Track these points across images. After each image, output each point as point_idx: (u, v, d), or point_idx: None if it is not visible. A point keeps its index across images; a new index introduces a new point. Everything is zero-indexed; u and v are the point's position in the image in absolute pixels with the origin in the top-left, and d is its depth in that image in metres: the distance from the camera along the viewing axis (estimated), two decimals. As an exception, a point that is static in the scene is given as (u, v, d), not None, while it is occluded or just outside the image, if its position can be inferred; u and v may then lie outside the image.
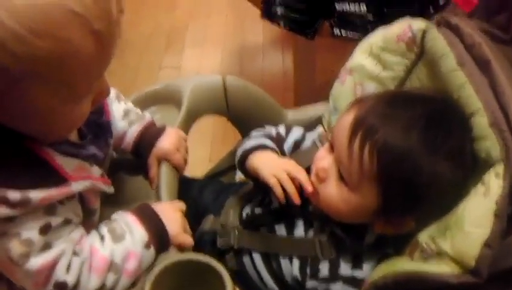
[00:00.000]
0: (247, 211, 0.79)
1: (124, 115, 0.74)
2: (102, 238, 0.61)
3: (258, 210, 0.77)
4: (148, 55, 2.12)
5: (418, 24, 0.75)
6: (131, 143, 0.74)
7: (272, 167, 0.71)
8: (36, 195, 0.52)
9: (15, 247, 0.53)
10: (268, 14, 1.36)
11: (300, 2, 1.27)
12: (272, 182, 0.69)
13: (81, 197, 0.61)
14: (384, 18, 1.15)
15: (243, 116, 0.90)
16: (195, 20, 2.32)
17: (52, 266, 0.55)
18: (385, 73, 0.81)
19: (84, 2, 0.46)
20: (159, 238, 0.63)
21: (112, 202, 0.69)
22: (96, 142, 0.65)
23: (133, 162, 0.76)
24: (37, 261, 0.54)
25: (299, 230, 0.72)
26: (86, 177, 0.59)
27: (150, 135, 0.75)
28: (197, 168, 1.04)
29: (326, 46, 1.51)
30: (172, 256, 0.63)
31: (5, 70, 0.44)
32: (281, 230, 0.73)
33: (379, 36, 0.81)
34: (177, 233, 0.65)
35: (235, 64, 2.05)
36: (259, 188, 0.78)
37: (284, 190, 0.69)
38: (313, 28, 1.30)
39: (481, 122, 0.60)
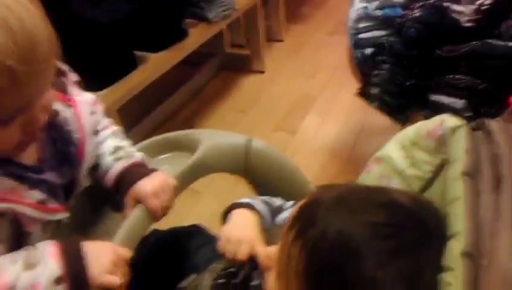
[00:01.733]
0: (220, 279, 0.73)
1: (113, 151, 0.75)
2: (15, 261, 0.59)
3: (221, 280, 0.71)
4: (271, 115, 2.17)
5: (450, 121, 0.63)
6: (112, 179, 0.74)
7: (234, 227, 0.69)
8: None
9: None
10: (364, 92, 1.29)
11: (395, 85, 1.19)
12: (221, 242, 0.68)
13: (17, 219, 0.61)
14: (480, 117, 1.01)
15: (261, 182, 0.85)
16: (327, 90, 2.32)
17: None
18: (411, 170, 0.69)
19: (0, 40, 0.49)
20: (74, 277, 0.60)
21: (84, 231, 0.69)
22: (58, 170, 0.66)
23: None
24: None
25: None
26: (8, 200, 0.59)
27: (132, 174, 0.73)
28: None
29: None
30: None
31: None
32: None
33: (413, 129, 0.70)
34: (98, 274, 0.61)
35: (350, 141, 1.98)
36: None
37: None
38: (405, 115, 1.20)
39: (453, 249, 0.47)
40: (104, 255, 0.63)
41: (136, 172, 0.74)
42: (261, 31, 2.40)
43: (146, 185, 0.72)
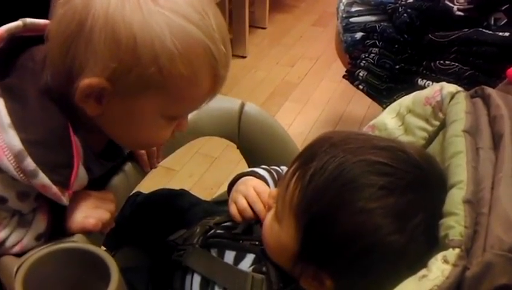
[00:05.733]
0: (218, 230, 0.73)
1: None
2: (13, 214, 0.58)
3: (219, 230, 0.71)
4: (250, 99, 2.16)
5: (449, 88, 0.65)
6: None
7: (243, 187, 0.68)
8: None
9: None
10: (351, 75, 1.31)
11: (383, 69, 1.21)
12: (234, 196, 0.67)
13: None
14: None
15: (252, 148, 0.85)
16: (307, 79, 2.34)
17: None
18: (405, 137, 0.70)
19: (220, 49, 0.54)
20: (53, 233, 0.60)
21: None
22: (108, 167, 0.68)
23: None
24: None
25: (245, 263, 0.64)
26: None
27: None
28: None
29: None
30: (56, 243, 0.57)
31: (144, 77, 0.51)
32: (229, 257, 0.66)
33: (411, 97, 0.72)
34: (75, 221, 0.60)
35: (327, 129, 1.99)
36: None
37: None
38: (391, 99, 1.21)
39: (456, 196, 0.48)
40: (84, 201, 0.62)
41: None
42: (247, 16, 2.39)
43: None
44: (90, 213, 0.61)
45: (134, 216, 0.86)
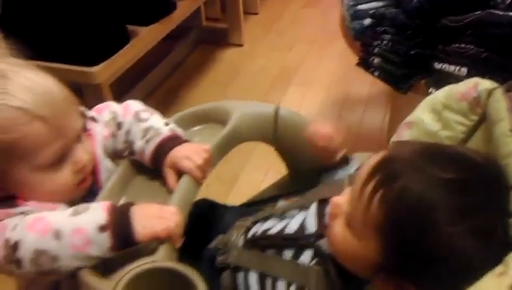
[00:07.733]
0: (254, 231, 0.77)
1: (142, 135, 0.77)
2: (62, 212, 0.64)
3: (272, 231, 0.74)
4: (254, 87, 2.20)
5: (484, 84, 0.69)
6: (149, 159, 0.77)
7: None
8: None
9: None
10: (365, 63, 1.34)
11: (398, 55, 1.24)
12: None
13: None
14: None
15: (290, 150, 0.89)
16: (307, 62, 2.37)
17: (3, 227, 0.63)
18: (444, 132, 0.74)
19: (23, 99, 0.63)
20: (118, 227, 0.62)
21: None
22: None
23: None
24: None
25: (305, 258, 0.68)
26: None
27: (165, 148, 0.76)
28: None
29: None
30: (145, 263, 0.61)
31: None
32: (287, 255, 0.70)
33: (444, 92, 0.75)
34: (143, 227, 0.63)
35: (335, 110, 2.04)
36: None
37: None
38: (408, 84, 1.25)
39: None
40: (150, 211, 0.66)
41: (169, 145, 0.76)
42: (240, 3, 2.40)
43: (177, 151, 0.76)
44: (156, 223, 0.64)
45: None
